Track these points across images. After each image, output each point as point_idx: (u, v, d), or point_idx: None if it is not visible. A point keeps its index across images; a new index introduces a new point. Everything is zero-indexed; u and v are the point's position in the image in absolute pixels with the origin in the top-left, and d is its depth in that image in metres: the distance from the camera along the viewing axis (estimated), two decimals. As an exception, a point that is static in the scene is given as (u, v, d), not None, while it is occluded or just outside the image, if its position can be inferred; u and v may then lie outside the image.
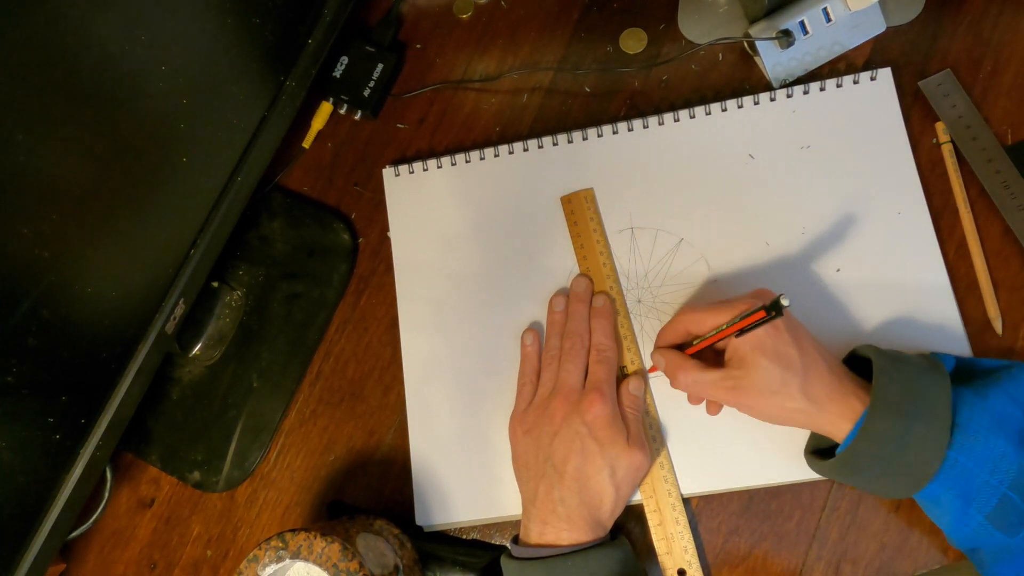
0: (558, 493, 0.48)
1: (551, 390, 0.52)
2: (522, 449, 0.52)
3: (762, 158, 0.57)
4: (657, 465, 0.52)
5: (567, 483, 0.48)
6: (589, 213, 0.57)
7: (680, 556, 0.51)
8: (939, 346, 0.51)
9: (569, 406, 0.50)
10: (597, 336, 0.53)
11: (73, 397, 0.47)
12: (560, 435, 0.49)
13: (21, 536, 0.48)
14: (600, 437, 0.49)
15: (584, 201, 0.58)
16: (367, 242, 0.62)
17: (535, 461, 0.50)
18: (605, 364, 0.52)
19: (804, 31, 0.56)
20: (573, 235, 0.57)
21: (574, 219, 0.58)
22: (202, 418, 0.60)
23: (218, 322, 0.61)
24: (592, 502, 0.48)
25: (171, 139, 0.48)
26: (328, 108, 0.63)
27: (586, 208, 0.57)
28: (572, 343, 0.53)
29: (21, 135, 0.38)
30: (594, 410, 0.49)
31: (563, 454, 0.49)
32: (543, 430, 0.50)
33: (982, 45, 0.57)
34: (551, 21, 0.64)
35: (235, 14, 0.50)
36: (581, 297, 0.55)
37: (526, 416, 0.52)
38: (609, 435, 0.49)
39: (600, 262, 0.56)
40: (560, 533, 0.48)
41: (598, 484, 0.48)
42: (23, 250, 0.40)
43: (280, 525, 0.58)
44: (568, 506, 0.48)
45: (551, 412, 0.50)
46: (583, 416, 0.49)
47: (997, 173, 0.53)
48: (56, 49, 0.38)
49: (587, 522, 0.48)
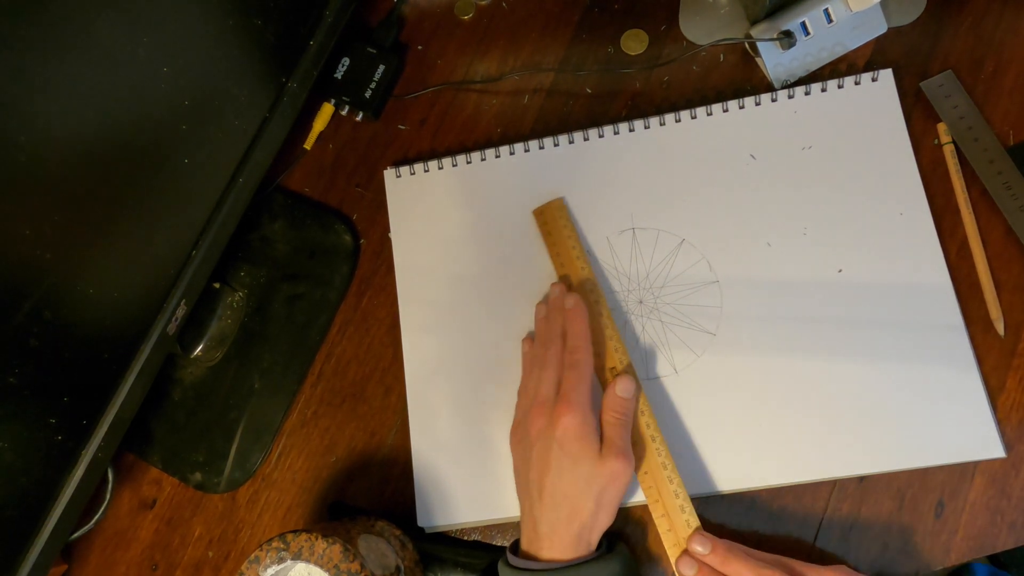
0: (537, 511, 0.48)
1: (530, 402, 0.51)
2: (515, 462, 0.52)
3: (763, 158, 0.57)
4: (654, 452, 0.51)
5: (545, 501, 0.47)
6: (562, 222, 0.57)
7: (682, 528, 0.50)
8: (941, 347, 0.51)
9: (543, 418, 0.49)
10: (568, 339, 0.51)
11: (75, 398, 0.47)
12: (536, 450, 0.49)
13: (23, 537, 0.48)
14: (571, 451, 0.47)
15: (555, 211, 0.58)
16: (368, 243, 0.62)
17: (521, 478, 0.50)
18: (575, 369, 0.50)
19: (805, 32, 0.56)
20: (548, 245, 0.57)
21: (547, 230, 0.57)
22: (204, 419, 0.60)
23: (220, 323, 0.61)
24: (571, 519, 0.47)
25: (173, 140, 0.48)
26: (329, 109, 0.64)
27: (558, 218, 0.57)
28: (545, 349, 0.52)
29: (23, 136, 0.38)
30: (563, 422, 0.47)
31: (539, 470, 0.48)
32: (524, 444, 0.50)
33: (984, 46, 0.57)
34: (552, 22, 0.64)
35: (237, 16, 0.50)
36: (555, 303, 0.54)
37: (516, 429, 0.52)
38: (579, 448, 0.47)
39: (578, 266, 0.56)
40: (541, 551, 0.47)
41: (575, 500, 0.47)
42: (25, 251, 0.40)
43: (281, 526, 0.58)
44: (549, 523, 0.47)
45: (528, 425, 0.50)
46: (554, 430, 0.48)
47: (999, 174, 0.53)
48: (58, 51, 0.38)
49: (568, 540, 0.47)
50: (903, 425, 0.51)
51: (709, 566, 0.48)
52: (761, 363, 0.53)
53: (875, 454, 0.51)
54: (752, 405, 0.53)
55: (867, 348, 0.52)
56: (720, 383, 0.53)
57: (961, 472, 0.51)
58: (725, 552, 0.48)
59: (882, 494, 0.51)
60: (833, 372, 0.52)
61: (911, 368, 0.51)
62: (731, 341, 0.54)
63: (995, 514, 0.50)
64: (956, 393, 0.51)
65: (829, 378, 0.52)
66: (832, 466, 0.51)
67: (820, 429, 0.51)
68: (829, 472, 0.51)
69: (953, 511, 0.50)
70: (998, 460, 0.50)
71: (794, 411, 0.52)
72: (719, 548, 0.48)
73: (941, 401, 0.51)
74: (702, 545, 0.48)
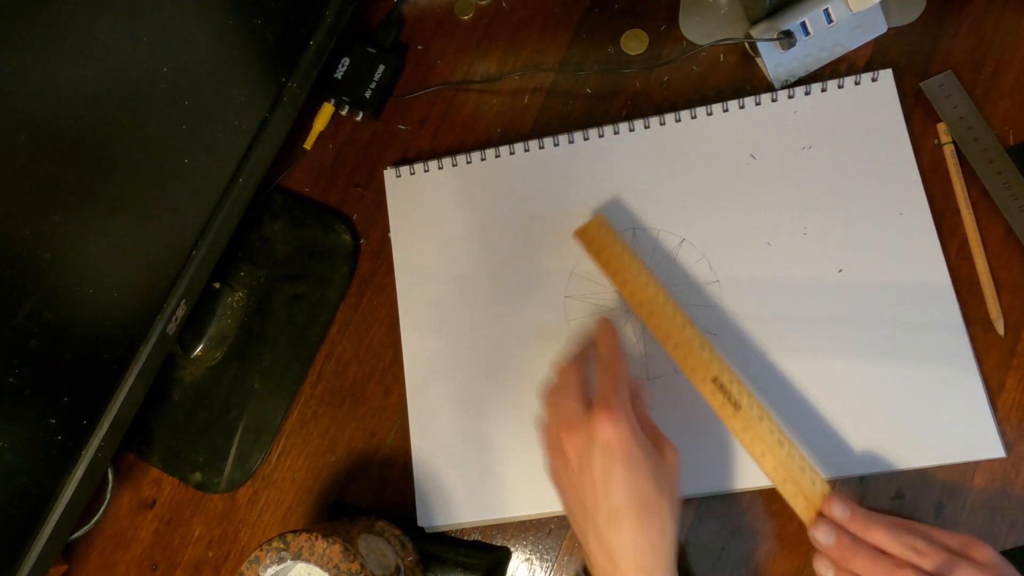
0: (611, 540, 0.41)
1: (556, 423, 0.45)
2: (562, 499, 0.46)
3: (763, 158, 0.57)
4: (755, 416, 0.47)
5: (618, 523, 0.41)
6: (610, 239, 0.54)
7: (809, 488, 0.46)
8: (941, 347, 0.51)
9: (578, 436, 0.43)
10: (601, 349, 0.48)
11: (75, 398, 0.47)
12: (584, 475, 0.42)
13: (23, 537, 0.48)
14: (626, 457, 0.42)
15: (600, 229, 0.55)
16: (368, 243, 0.62)
17: (578, 509, 0.44)
18: (609, 373, 0.45)
19: (805, 32, 0.56)
20: (601, 265, 0.54)
21: (596, 248, 0.54)
22: (204, 419, 0.60)
23: (220, 323, 0.61)
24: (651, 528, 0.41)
25: (173, 140, 0.48)
26: (329, 109, 0.64)
27: (605, 235, 0.55)
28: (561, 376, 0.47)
29: (23, 136, 0.38)
30: (607, 430, 0.41)
31: (594, 493, 0.42)
32: (567, 473, 0.44)
33: (984, 46, 0.57)
34: (552, 22, 0.64)
35: (237, 16, 0.50)
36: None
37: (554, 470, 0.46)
38: (636, 451, 0.42)
39: (642, 282, 0.52)
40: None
41: (651, 505, 0.42)
42: (25, 251, 0.40)
43: (281, 526, 0.58)
44: (625, 550, 0.41)
45: (565, 450, 0.44)
46: (596, 443, 0.42)
47: (999, 174, 0.53)
48: (58, 51, 0.38)
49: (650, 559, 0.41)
50: (903, 425, 0.51)
51: (851, 533, 0.44)
52: (761, 363, 0.53)
53: (875, 454, 0.51)
54: (752, 405, 0.53)
55: (867, 348, 0.52)
56: (720, 383, 0.53)
57: (961, 472, 0.51)
58: (865, 519, 0.43)
59: (882, 494, 0.51)
60: (833, 372, 0.52)
61: (911, 368, 0.51)
62: (731, 341, 0.54)
63: (995, 514, 0.50)
64: (956, 393, 0.51)
65: (829, 378, 0.52)
66: (832, 466, 0.51)
67: (820, 429, 0.51)
68: (829, 472, 0.51)
69: (953, 511, 0.50)
70: (998, 460, 0.50)
71: (794, 411, 0.52)
72: (858, 514, 0.44)
73: (941, 401, 0.51)
74: (842, 509, 0.44)
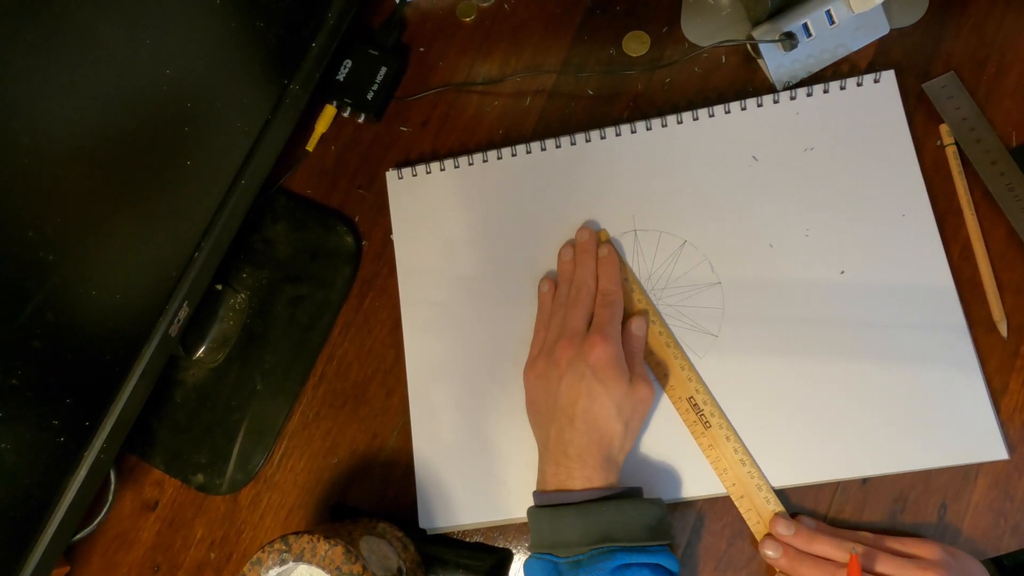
0: (568, 435, 0.49)
1: (558, 335, 0.52)
2: (533, 395, 0.53)
3: (765, 160, 0.57)
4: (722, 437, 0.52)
5: (576, 425, 0.49)
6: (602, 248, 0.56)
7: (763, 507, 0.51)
8: (943, 349, 0.51)
9: (573, 349, 0.51)
10: (602, 283, 0.54)
11: (77, 400, 0.47)
12: (566, 378, 0.50)
13: (25, 538, 0.48)
14: (604, 377, 0.49)
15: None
16: (370, 245, 0.62)
17: (545, 406, 0.52)
18: (610, 308, 0.53)
19: (807, 33, 0.56)
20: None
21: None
22: (206, 421, 0.60)
23: (222, 325, 0.61)
24: (602, 441, 0.49)
25: (175, 142, 0.48)
26: (331, 111, 0.64)
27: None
28: (578, 290, 0.54)
29: (26, 138, 0.38)
30: (596, 351, 0.50)
31: (570, 397, 0.50)
32: (551, 375, 0.51)
33: (986, 47, 0.57)
34: (554, 24, 0.64)
35: (239, 18, 0.50)
36: (586, 247, 0.56)
37: (536, 362, 0.53)
38: (613, 374, 0.49)
39: (634, 300, 0.56)
40: (572, 472, 0.49)
41: (606, 423, 0.49)
42: (28, 253, 0.41)
43: (283, 528, 0.58)
44: (579, 446, 0.49)
45: (557, 356, 0.51)
46: (586, 358, 0.50)
47: (1001, 175, 0.53)
48: (61, 53, 0.39)
49: (599, 461, 0.49)
50: (906, 427, 0.51)
51: (794, 547, 0.49)
52: (763, 365, 0.53)
53: (878, 456, 0.51)
54: (754, 407, 0.52)
55: (869, 350, 0.52)
56: (722, 385, 0.53)
57: (964, 474, 0.51)
58: (809, 533, 0.49)
59: (885, 496, 0.51)
60: (835, 374, 0.52)
61: (914, 370, 0.51)
62: (733, 343, 0.54)
63: (998, 516, 0.50)
64: (959, 395, 0.51)
65: (831, 380, 0.52)
66: (835, 468, 0.51)
67: (822, 431, 0.51)
68: (832, 474, 0.51)
69: (956, 513, 0.50)
70: (1001, 462, 0.50)
71: (796, 413, 0.52)
72: (802, 529, 0.49)
73: (944, 403, 0.51)
74: (785, 527, 0.49)
